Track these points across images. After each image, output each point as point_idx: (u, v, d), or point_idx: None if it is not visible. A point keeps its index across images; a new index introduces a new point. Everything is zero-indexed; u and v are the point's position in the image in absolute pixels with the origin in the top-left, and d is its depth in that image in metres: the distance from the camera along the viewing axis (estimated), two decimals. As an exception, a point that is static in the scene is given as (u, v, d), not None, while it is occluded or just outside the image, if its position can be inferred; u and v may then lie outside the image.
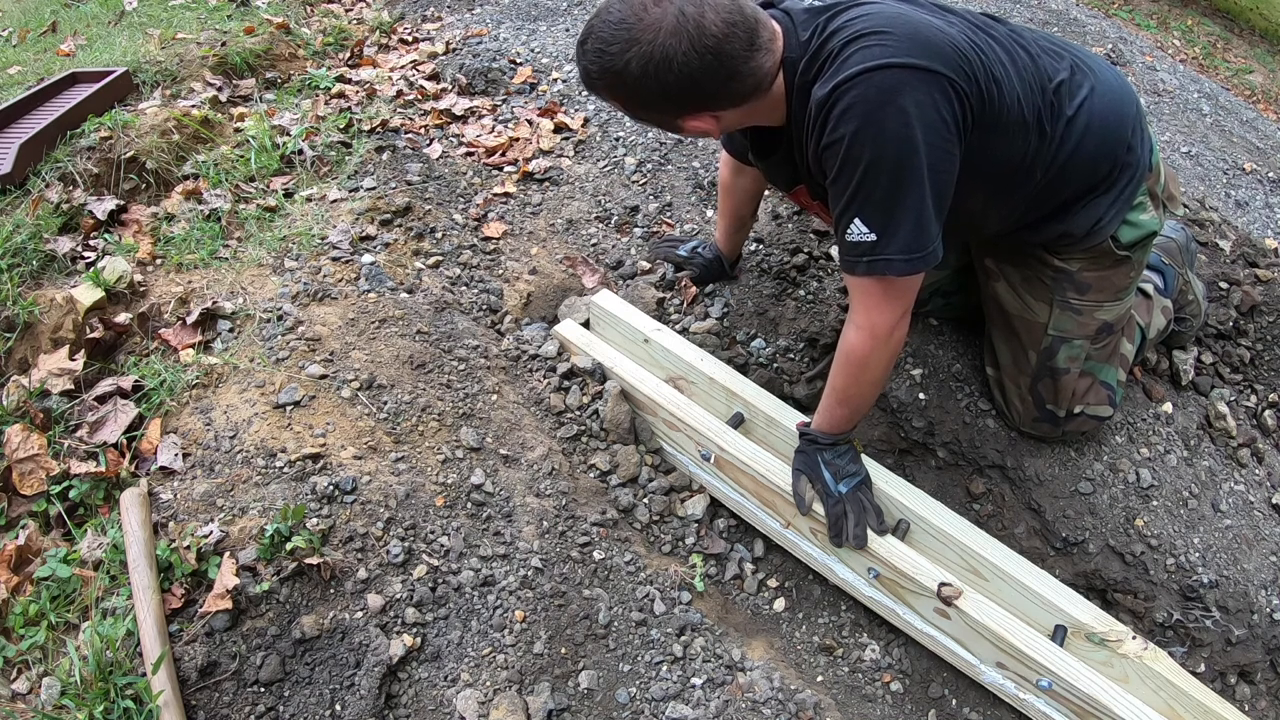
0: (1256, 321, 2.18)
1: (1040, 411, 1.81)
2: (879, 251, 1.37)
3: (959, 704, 1.74)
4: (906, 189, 1.33)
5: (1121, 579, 1.84)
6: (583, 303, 2.19)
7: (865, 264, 1.39)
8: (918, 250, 1.37)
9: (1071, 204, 1.59)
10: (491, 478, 1.72)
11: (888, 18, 1.35)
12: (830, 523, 1.64)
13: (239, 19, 3.35)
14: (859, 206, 1.36)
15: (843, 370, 1.55)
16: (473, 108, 2.82)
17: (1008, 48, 1.46)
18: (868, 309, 1.46)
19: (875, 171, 1.32)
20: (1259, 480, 2.01)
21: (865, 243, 1.37)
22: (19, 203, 2.19)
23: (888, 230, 1.35)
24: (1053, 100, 1.48)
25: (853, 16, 1.37)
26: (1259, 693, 1.83)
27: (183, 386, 1.75)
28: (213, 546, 1.47)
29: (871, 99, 1.28)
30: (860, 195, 1.35)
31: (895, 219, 1.35)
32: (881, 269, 1.39)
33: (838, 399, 1.60)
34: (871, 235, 1.36)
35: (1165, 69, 4.25)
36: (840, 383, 1.57)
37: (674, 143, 2.63)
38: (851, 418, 1.63)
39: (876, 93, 1.28)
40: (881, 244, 1.36)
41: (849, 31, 1.34)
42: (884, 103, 1.28)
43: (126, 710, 1.32)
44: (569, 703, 1.49)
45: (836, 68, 1.32)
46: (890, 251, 1.36)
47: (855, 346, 1.50)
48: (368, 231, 2.20)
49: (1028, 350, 1.78)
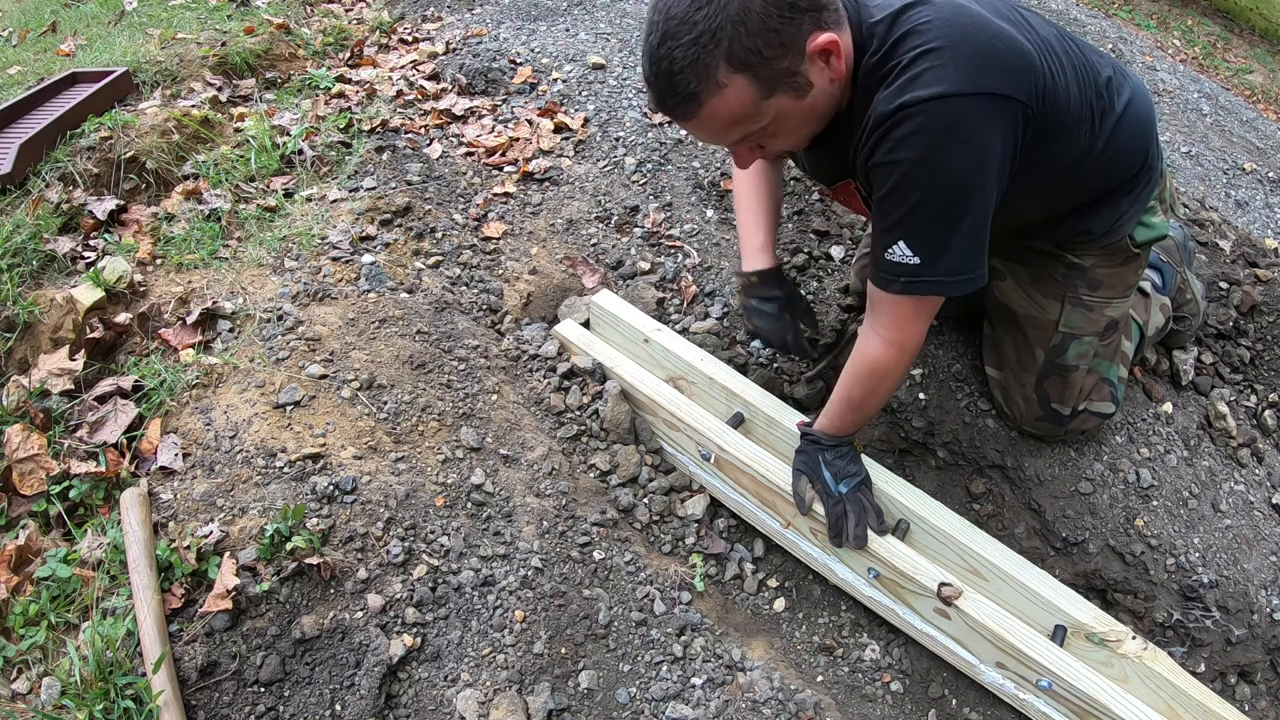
0: (1256, 321, 2.18)
1: (1044, 410, 1.81)
2: (920, 275, 1.36)
3: (959, 704, 1.74)
4: (959, 220, 1.32)
5: (1121, 579, 1.84)
6: (583, 303, 2.19)
7: (902, 283, 1.38)
8: (966, 272, 1.36)
9: (1097, 201, 1.59)
10: (491, 478, 1.72)
11: (961, 26, 1.27)
12: (830, 523, 1.64)
13: (239, 19, 3.35)
14: (905, 231, 1.34)
15: (862, 381, 1.54)
16: (473, 108, 2.82)
17: (1063, 42, 1.44)
18: (898, 324, 1.45)
19: (929, 203, 1.31)
20: (1259, 480, 2.01)
21: (907, 265, 1.36)
22: (19, 203, 2.19)
23: (933, 257, 1.35)
24: (1103, 94, 1.48)
25: (926, 20, 1.28)
26: (1259, 693, 1.84)
27: (183, 386, 1.75)
28: (213, 546, 1.47)
29: (936, 130, 1.25)
30: (909, 222, 1.33)
31: (942, 247, 1.34)
32: (920, 289, 1.38)
33: (850, 406, 1.59)
34: (915, 259, 1.35)
35: (1165, 69, 4.25)
36: (857, 392, 1.56)
37: (674, 142, 2.63)
38: (858, 423, 1.63)
39: (942, 125, 1.24)
40: (924, 268, 1.35)
41: (922, 41, 1.27)
42: (947, 136, 1.25)
43: (126, 710, 1.32)
44: (569, 703, 1.49)
45: (905, 82, 1.26)
46: (933, 274, 1.36)
47: (880, 359, 1.49)
48: (368, 231, 2.20)
49: (1034, 348, 1.78)
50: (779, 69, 1.22)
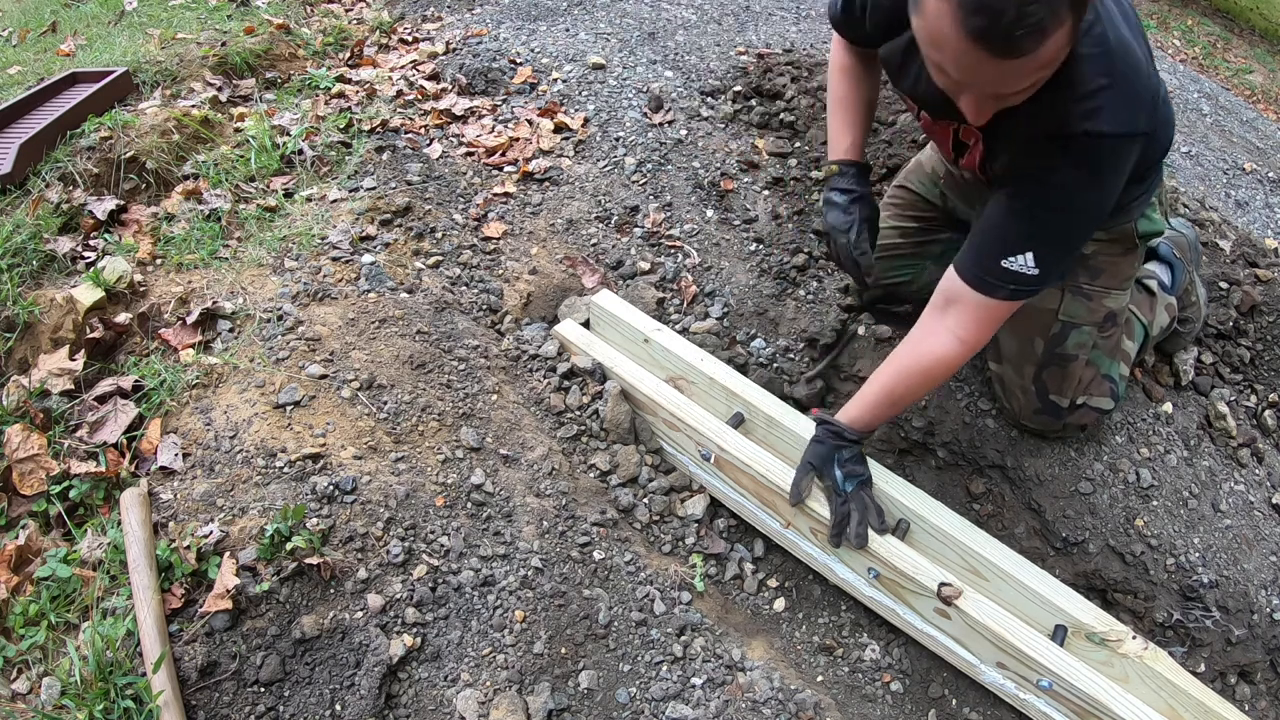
0: (1256, 321, 2.18)
1: (1043, 402, 1.81)
2: (1031, 285, 1.39)
3: (959, 704, 1.74)
4: (1079, 240, 1.42)
5: (1121, 579, 1.84)
6: (583, 303, 2.20)
7: (1010, 290, 1.40)
8: (1060, 279, 1.45)
9: None
10: (491, 478, 1.72)
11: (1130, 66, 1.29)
12: (835, 520, 1.63)
13: (239, 19, 3.35)
14: (1038, 245, 1.37)
15: (912, 376, 1.53)
16: (473, 108, 2.82)
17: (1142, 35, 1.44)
18: (979, 325, 1.45)
19: (1066, 223, 1.36)
20: (1259, 480, 2.01)
21: (1024, 275, 1.38)
22: (19, 203, 2.19)
23: (1050, 270, 1.38)
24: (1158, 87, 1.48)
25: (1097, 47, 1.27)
26: (1259, 693, 1.84)
27: (183, 386, 1.75)
28: (213, 546, 1.47)
29: (1095, 167, 1.31)
30: (1045, 238, 1.37)
31: (1061, 263, 1.39)
32: (1022, 296, 1.41)
33: (888, 400, 1.58)
34: (1035, 271, 1.38)
35: (1165, 69, 4.25)
36: (901, 387, 1.55)
37: (674, 143, 2.63)
38: (885, 420, 1.62)
39: (1102, 163, 1.31)
40: (1038, 279, 1.39)
41: (1100, 74, 1.27)
42: (1103, 171, 1.32)
43: (126, 710, 1.32)
44: (569, 703, 1.49)
45: (1082, 111, 1.27)
46: (1040, 284, 1.39)
47: (945, 355, 1.49)
48: (368, 231, 2.20)
49: (1034, 338, 1.78)
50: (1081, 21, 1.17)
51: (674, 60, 3.03)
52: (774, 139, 2.63)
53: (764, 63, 2.95)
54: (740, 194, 2.48)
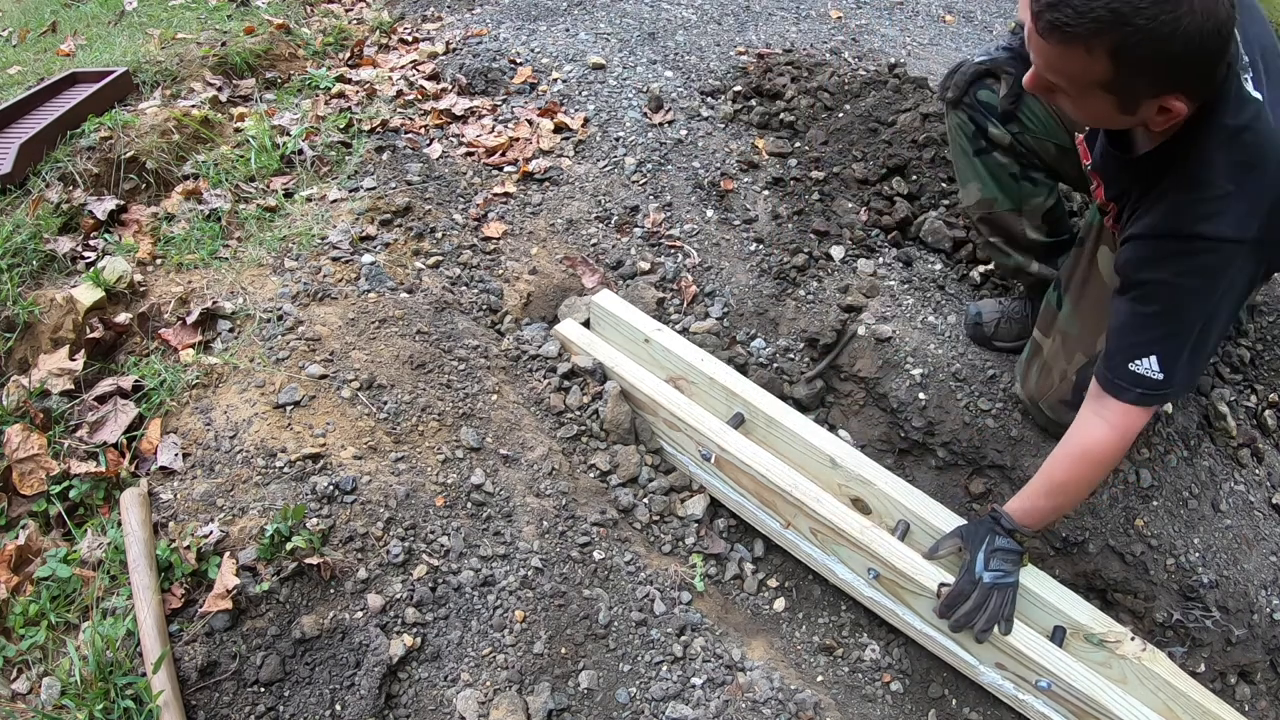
0: (1256, 322, 2.18)
1: (1074, 397, 1.74)
2: (1159, 389, 1.39)
3: (959, 704, 1.74)
4: (1204, 343, 1.38)
5: (1121, 579, 1.84)
6: (583, 303, 2.20)
7: (1137, 394, 1.40)
8: (1191, 387, 1.47)
9: None
10: (491, 478, 1.72)
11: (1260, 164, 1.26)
12: (951, 595, 1.56)
13: (239, 19, 3.35)
14: (1160, 348, 1.37)
15: (1076, 465, 1.50)
16: (473, 108, 2.82)
17: None
18: (1125, 426, 1.44)
19: (1186, 326, 1.35)
20: (1259, 480, 2.01)
21: (1150, 379, 1.38)
22: (19, 203, 2.19)
23: (1175, 373, 1.37)
24: None
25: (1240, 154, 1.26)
26: (1259, 693, 1.84)
27: (183, 386, 1.75)
28: (213, 546, 1.48)
29: (1209, 270, 1.30)
30: (1165, 340, 1.36)
31: (1188, 367, 1.38)
32: (1152, 402, 1.41)
33: (1051, 490, 1.54)
34: (1160, 375, 1.37)
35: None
36: (1063, 477, 1.52)
37: (674, 143, 2.63)
38: (1051, 516, 1.59)
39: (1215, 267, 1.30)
40: (1164, 383, 1.38)
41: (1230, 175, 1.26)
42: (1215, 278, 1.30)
43: (126, 710, 1.32)
44: (569, 703, 1.49)
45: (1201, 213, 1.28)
46: (1169, 389, 1.39)
47: (1103, 443, 1.46)
48: (368, 231, 2.20)
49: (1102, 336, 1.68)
50: (1127, 86, 1.20)
51: (674, 60, 3.03)
52: (774, 139, 2.63)
53: (764, 63, 2.95)
54: (740, 194, 2.48)
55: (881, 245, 2.32)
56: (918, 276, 2.22)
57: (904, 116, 2.50)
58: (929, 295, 2.17)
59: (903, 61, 2.93)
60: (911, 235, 2.36)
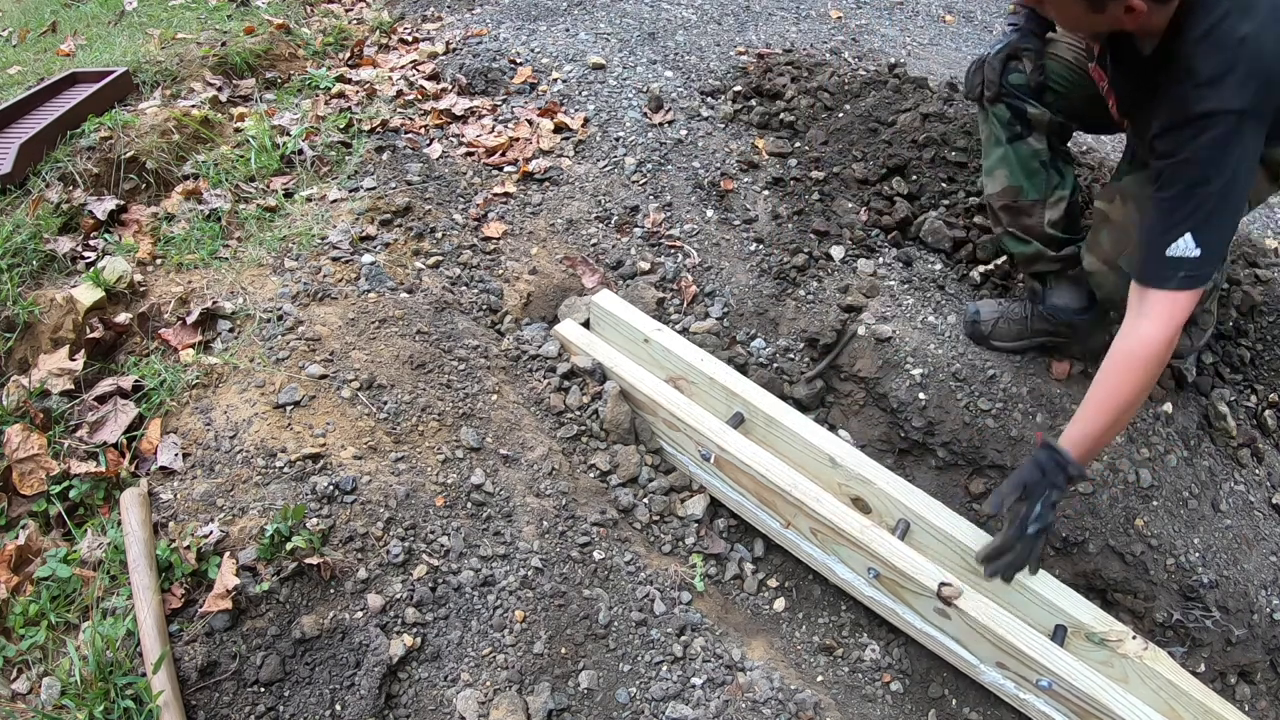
0: (1256, 322, 2.18)
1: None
2: (1199, 268, 1.42)
3: (959, 704, 1.74)
4: (1231, 213, 1.45)
5: (1121, 579, 1.84)
6: (583, 303, 2.20)
7: (1181, 278, 1.44)
8: (1224, 257, 1.52)
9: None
10: (491, 478, 1.72)
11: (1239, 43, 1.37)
12: (997, 547, 1.58)
13: (239, 19, 3.35)
14: (1192, 225, 1.42)
15: (1130, 370, 1.49)
16: (473, 108, 2.82)
17: None
18: (1171, 316, 1.47)
19: (1211, 199, 1.41)
20: (1259, 480, 2.01)
21: (1189, 259, 1.43)
22: (19, 203, 2.19)
23: (1212, 247, 1.43)
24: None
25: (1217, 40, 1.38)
26: (1259, 693, 1.84)
27: (183, 386, 1.75)
28: (213, 546, 1.47)
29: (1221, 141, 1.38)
30: (1195, 216, 1.42)
31: (1222, 238, 1.46)
32: (1196, 284, 1.44)
33: (1106, 407, 1.52)
34: (1197, 251, 1.42)
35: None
36: (1116, 385, 1.50)
37: (674, 143, 2.63)
38: (1106, 437, 1.56)
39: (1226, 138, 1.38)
40: (1201, 260, 1.42)
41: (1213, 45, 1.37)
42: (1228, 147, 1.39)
43: (126, 710, 1.32)
44: (569, 703, 1.49)
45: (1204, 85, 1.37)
46: (1208, 267, 1.43)
47: (1152, 339, 1.47)
48: (368, 231, 2.20)
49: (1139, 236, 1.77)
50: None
51: (674, 60, 3.03)
52: (774, 139, 2.63)
53: (764, 63, 2.95)
54: (740, 194, 2.48)
55: (881, 245, 2.32)
56: (918, 276, 2.22)
57: (904, 116, 2.50)
58: (929, 295, 2.17)
59: (903, 61, 2.93)
60: (911, 235, 2.36)
